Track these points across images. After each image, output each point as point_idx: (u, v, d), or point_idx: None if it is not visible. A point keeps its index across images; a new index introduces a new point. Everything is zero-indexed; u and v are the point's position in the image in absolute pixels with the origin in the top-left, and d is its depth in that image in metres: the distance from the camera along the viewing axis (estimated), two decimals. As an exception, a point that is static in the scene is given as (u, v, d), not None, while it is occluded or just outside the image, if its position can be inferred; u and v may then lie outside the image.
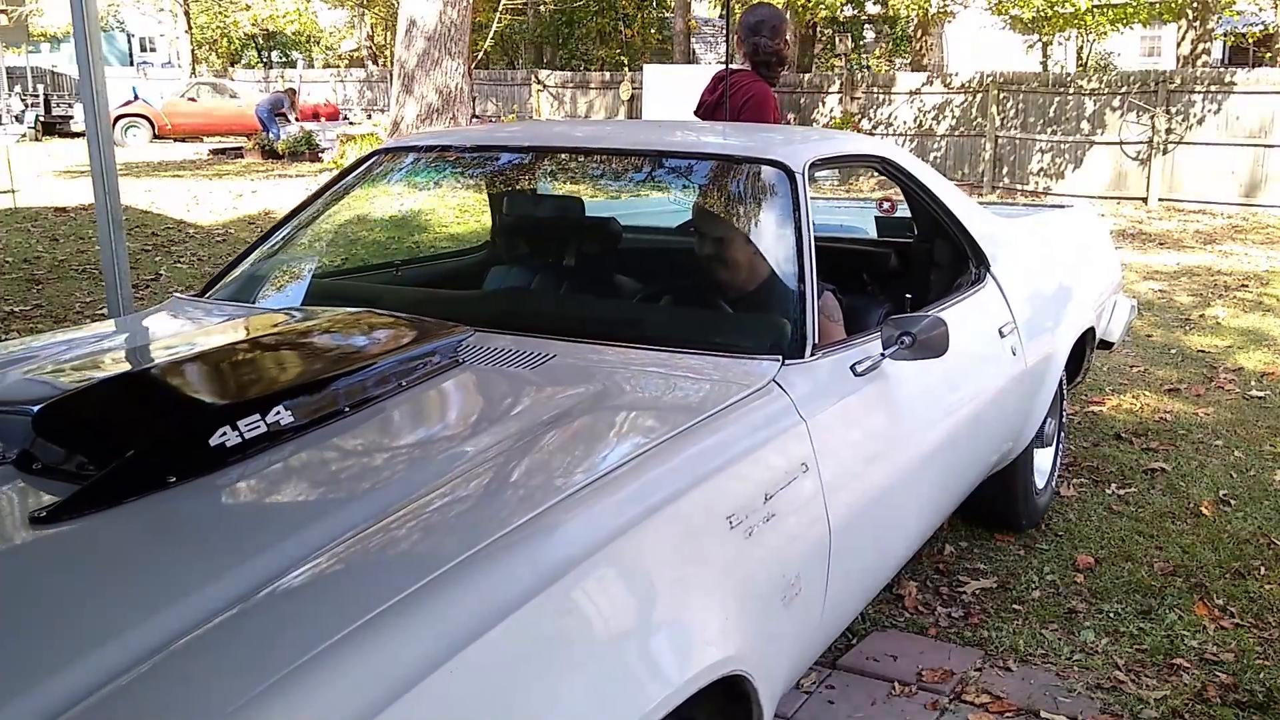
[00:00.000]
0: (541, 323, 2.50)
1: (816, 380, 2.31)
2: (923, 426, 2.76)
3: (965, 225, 3.32)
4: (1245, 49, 26.76)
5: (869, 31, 29.85)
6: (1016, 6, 20.60)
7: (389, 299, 2.81)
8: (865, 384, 2.45)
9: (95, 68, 4.18)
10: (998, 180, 15.90)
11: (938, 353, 2.38)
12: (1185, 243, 11.25)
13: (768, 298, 2.64)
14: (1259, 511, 4.09)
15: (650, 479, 1.79)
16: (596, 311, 2.77)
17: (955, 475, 3.02)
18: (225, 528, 1.62)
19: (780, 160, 2.66)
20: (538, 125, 3.25)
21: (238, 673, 1.24)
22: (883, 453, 2.53)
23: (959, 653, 3.07)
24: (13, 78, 27.75)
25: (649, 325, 2.63)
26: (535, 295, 3.03)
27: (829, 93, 17.97)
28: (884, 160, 3.12)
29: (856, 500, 2.33)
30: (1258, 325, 7.28)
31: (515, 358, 2.27)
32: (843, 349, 2.46)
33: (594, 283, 3.15)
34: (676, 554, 1.75)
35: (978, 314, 3.19)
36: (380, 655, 1.28)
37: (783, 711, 2.73)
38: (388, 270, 3.80)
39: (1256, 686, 2.92)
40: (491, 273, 3.34)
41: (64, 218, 11.18)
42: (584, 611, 1.55)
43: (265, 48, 35.66)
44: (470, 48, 13.03)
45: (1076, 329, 3.90)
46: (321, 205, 3.09)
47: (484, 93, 22.13)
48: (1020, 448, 3.54)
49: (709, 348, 2.35)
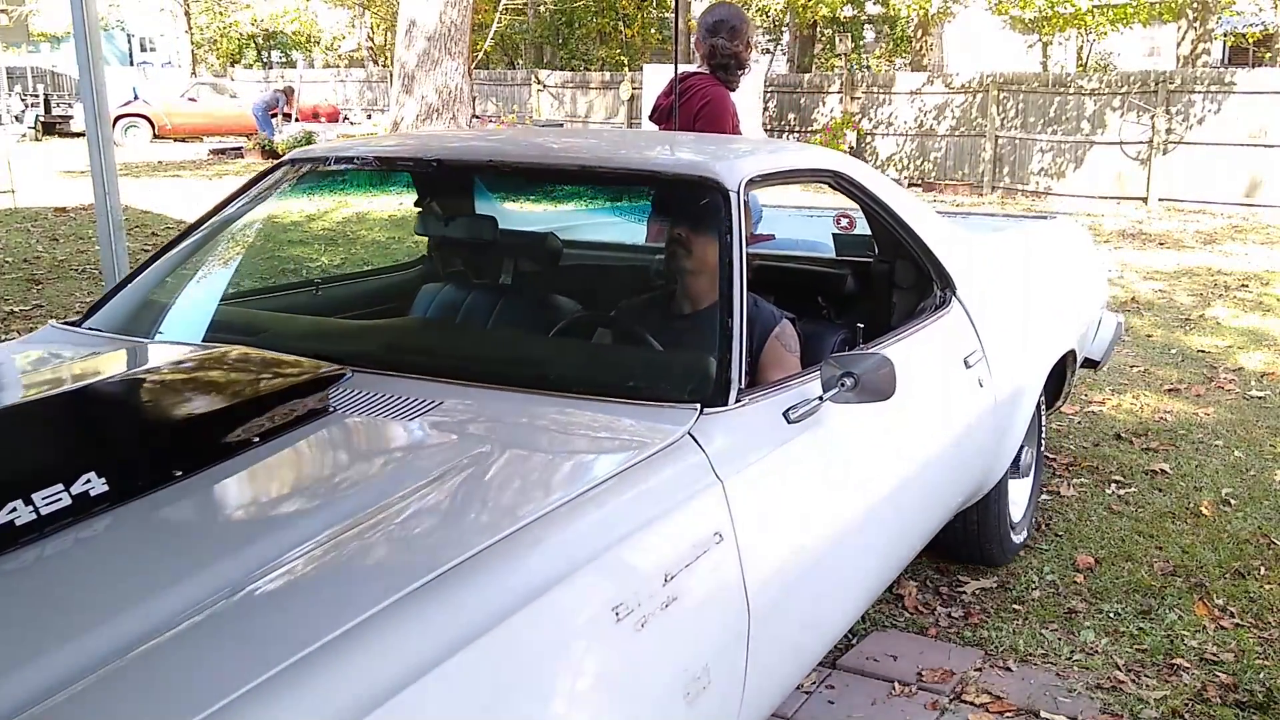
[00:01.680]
0: (435, 364, 2.23)
1: (741, 431, 2.05)
2: (871, 476, 2.50)
3: (928, 244, 3.05)
4: (1245, 49, 26.75)
5: (869, 31, 29.84)
6: (1016, 6, 20.60)
7: (275, 329, 2.57)
8: (801, 432, 2.18)
9: (95, 68, 4.18)
10: (998, 180, 15.90)
11: (883, 395, 2.14)
12: (1185, 243, 11.25)
13: (689, 334, 2.43)
14: (1259, 511, 4.09)
15: (513, 568, 1.52)
16: (496, 351, 2.51)
17: (912, 524, 2.79)
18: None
19: (711, 177, 2.37)
20: (462, 136, 2.97)
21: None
22: (821, 511, 2.26)
23: (959, 653, 3.07)
24: (13, 78, 27.75)
25: (554, 367, 2.35)
26: (433, 331, 2.73)
27: (829, 93, 17.96)
28: (836, 174, 2.84)
29: (785, 570, 2.07)
30: (1258, 325, 7.27)
31: (395, 406, 2.00)
32: (775, 392, 2.20)
33: (526, 307, 2.94)
34: (539, 663, 1.48)
35: (940, 343, 2.93)
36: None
37: (783, 711, 2.73)
38: (306, 290, 3.42)
39: (1256, 686, 2.92)
40: (422, 292, 3.11)
41: (64, 218, 11.18)
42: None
43: (265, 48, 35.66)
44: (470, 48, 13.03)
45: (1054, 354, 3.66)
46: (221, 222, 2.79)
47: (484, 93, 22.12)
48: (991, 483, 3.30)
49: (620, 394, 2.08)
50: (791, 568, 2.10)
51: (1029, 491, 3.77)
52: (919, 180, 16.74)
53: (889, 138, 17.23)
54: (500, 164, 2.66)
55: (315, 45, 32.56)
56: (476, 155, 2.78)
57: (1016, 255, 3.93)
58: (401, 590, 1.41)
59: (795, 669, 2.28)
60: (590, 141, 2.97)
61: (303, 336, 2.50)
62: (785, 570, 2.07)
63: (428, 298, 3.07)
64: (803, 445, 2.20)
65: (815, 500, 2.25)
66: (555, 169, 2.65)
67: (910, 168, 16.98)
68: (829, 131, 16.95)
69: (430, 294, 3.08)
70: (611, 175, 2.58)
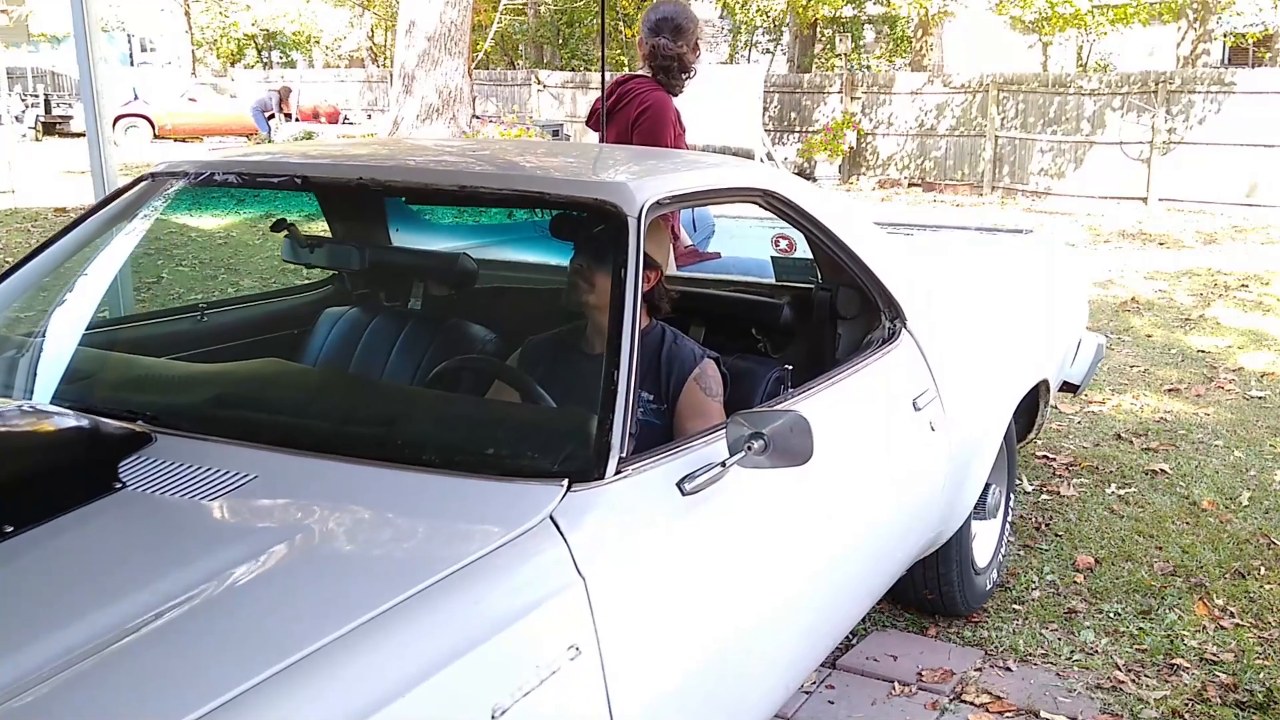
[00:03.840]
0: (258, 427, 1.91)
1: (618, 510, 1.72)
2: (793, 550, 2.15)
3: (873, 270, 2.72)
4: (1245, 49, 26.75)
5: (869, 31, 29.85)
6: (1017, 6, 20.60)
7: (84, 375, 2.26)
8: (698, 505, 1.85)
9: (95, 68, 4.18)
10: (998, 180, 15.90)
11: (799, 459, 1.84)
12: (1185, 243, 11.25)
13: (563, 390, 2.13)
14: (1259, 511, 4.09)
15: (290, 709, 1.25)
16: (332, 411, 2.12)
17: (848, 597, 2.47)
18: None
19: (607, 200, 2.03)
20: (342, 150, 2.65)
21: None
22: (724, 604, 1.91)
23: (959, 653, 3.07)
24: (13, 78, 27.74)
25: (400, 431, 1.98)
26: (264, 383, 2.30)
27: (829, 93, 17.96)
28: (766, 193, 2.50)
29: (669, 689, 1.72)
30: (1258, 325, 7.28)
31: (200, 481, 1.69)
32: (666, 458, 1.85)
33: (433, 336, 2.67)
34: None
35: (885, 383, 2.63)
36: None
37: (783, 712, 2.73)
38: (188, 316, 3.03)
39: (1256, 686, 2.92)
40: (323, 318, 2.85)
41: (64, 218, 11.18)
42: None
43: (265, 48, 35.67)
44: (470, 48, 13.03)
45: (1022, 386, 3.37)
46: (74, 242, 2.46)
47: (484, 93, 22.12)
48: (951, 530, 3.02)
49: (473, 467, 1.74)
50: (678, 684, 1.74)
51: (998, 533, 3.48)
52: (919, 180, 16.75)
53: (889, 138, 17.23)
54: (370, 183, 2.28)
55: (315, 45, 32.55)
56: (346, 173, 2.36)
57: (983, 277, 3.62)
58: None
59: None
60: (482, 157, 2.56)
61: (116, 386, 2.17)
62: (669, 688, 1.72)
63: (328, 324, 2.82)
64: (700, 522, 1.87)
65: (716, 591, 1.90)
66: (432, 189, 2.27)
67: (910, 168, 16.98)
68: (829, 131, 16.96)
69: (331, 320, 2.82)
70: (495, 197, 2.19)
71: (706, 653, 1.84)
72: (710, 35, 35.11)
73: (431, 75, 12.38)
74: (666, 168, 2.45)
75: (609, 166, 2.49)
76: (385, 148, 2.69)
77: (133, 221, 2.51)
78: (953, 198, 15.57)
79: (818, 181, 16.94)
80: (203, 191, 2.63)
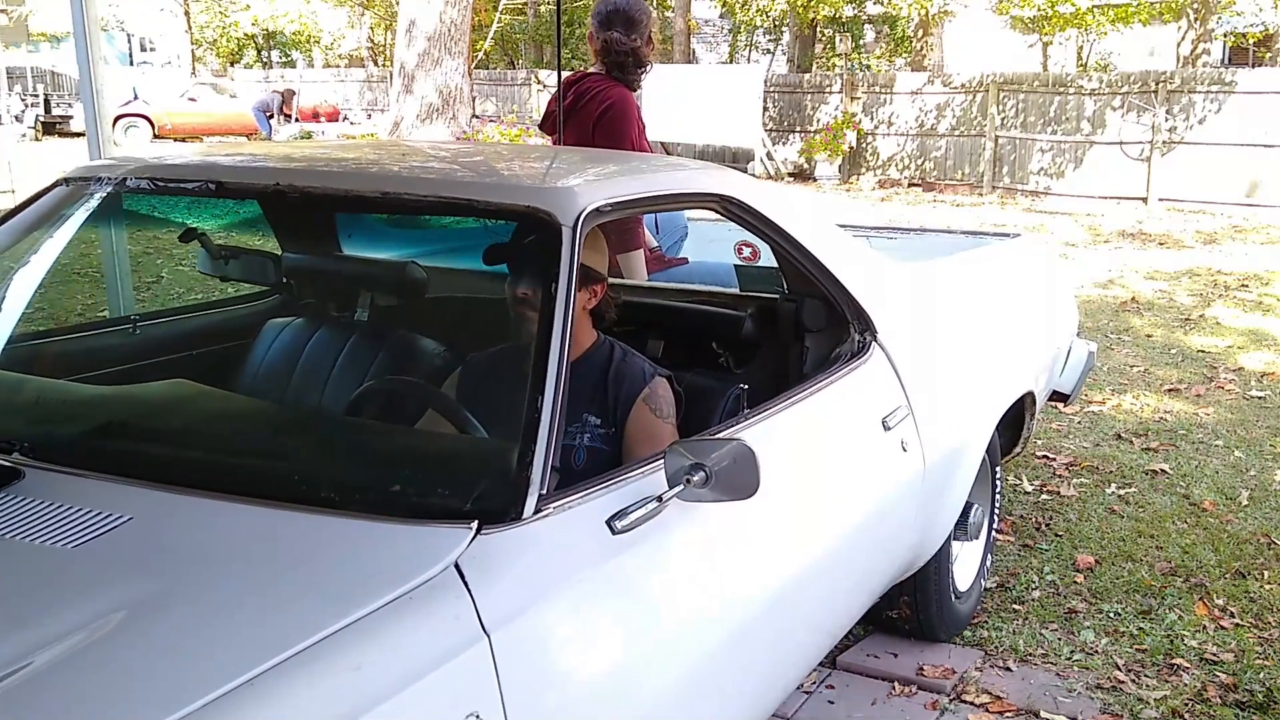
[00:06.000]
0: (137, 461, 1.73)
1: (535, 556, 1.54)
2: (741, 588, 1.95)
3: (841, 280, 2.54)
4: (1245, 49, 26.74)
5: (869, 31, 29.85)
6: (1017, 6, 20.60)
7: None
8: (632, 545, 1.67)
9: (95, 68, 4.19)
10: (998, 180, 15.90)
11: (743, 493, 1.69)
12: (1185, 243, 11.26)
13: (492, 417, 1.94)
14: (1259, 511, 4.09)
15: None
16: (224, 443, 1.91)
17: (806, 636, 2.28)
18: None
19: (541, 208, 1.86)
20: (264, 153, 2.48)
21: None
22: (656, 652, 1.70)
23: (959, 653, 3.07)
24: (13, 78, 27.74)
25: (298, 466, 1.79)
26: (151, 407, 2.08)
27: (829, 92, 17.96)
28: (723, 199, 2.31)
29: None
30: (1258, 325, 7.28)
31: (65, 525, 1.51)
32: (595, 493, 1.67)
33: (378, 350, 2.51)
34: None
35: (850, 402, 2.45)
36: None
37: (783, 712, 2.73)
38: (122, 329, 2.82)
39: (1256, 686, 2.92)
40: (265, 329, 2.69)
41: (64, 218, 11.15)
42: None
43: (265, 48, 35.67)
44: (470, 48, 13.03)
45: (1005, 400, 3.21)
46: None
47: (484, 93, 22.13)
48: (927, 555, 2.85)
49: (378, 506, 1.57)
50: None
51: (980, 553, 3.31)
52: (919, 180, 16.75)
53: (889, 138, 17.24)
54: (288, 189, 2.09)
55: (315, 45, 32.55)
56: (262, 179, 2.18)
57: (964, 284, 3.42)
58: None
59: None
60: (409, 162, 2.36)
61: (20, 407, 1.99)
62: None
63: (270, 337, 2.66)
64: (633, 564, 1.68)
65: (649, 642, 1.69)
66: (354, 196, 2.10)
67: (910, 168, 16.98)
68: (829, 131, 16.97)
69: (274, 332, 2.66)
70: (420, 204, 2.03)
71: (637, 713, 1.63)
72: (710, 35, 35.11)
73: (431, 75, 12.38)
74: (612, 171, 2.28)
75: (549, 171, 2.27)
76: (303, 155, 2.42)
77: (59, 228, 2.32)
78: (953, 198, 15.58)
79: (818, 181, 16.95)
80: (147, 195, 2.41)
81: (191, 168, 2.26)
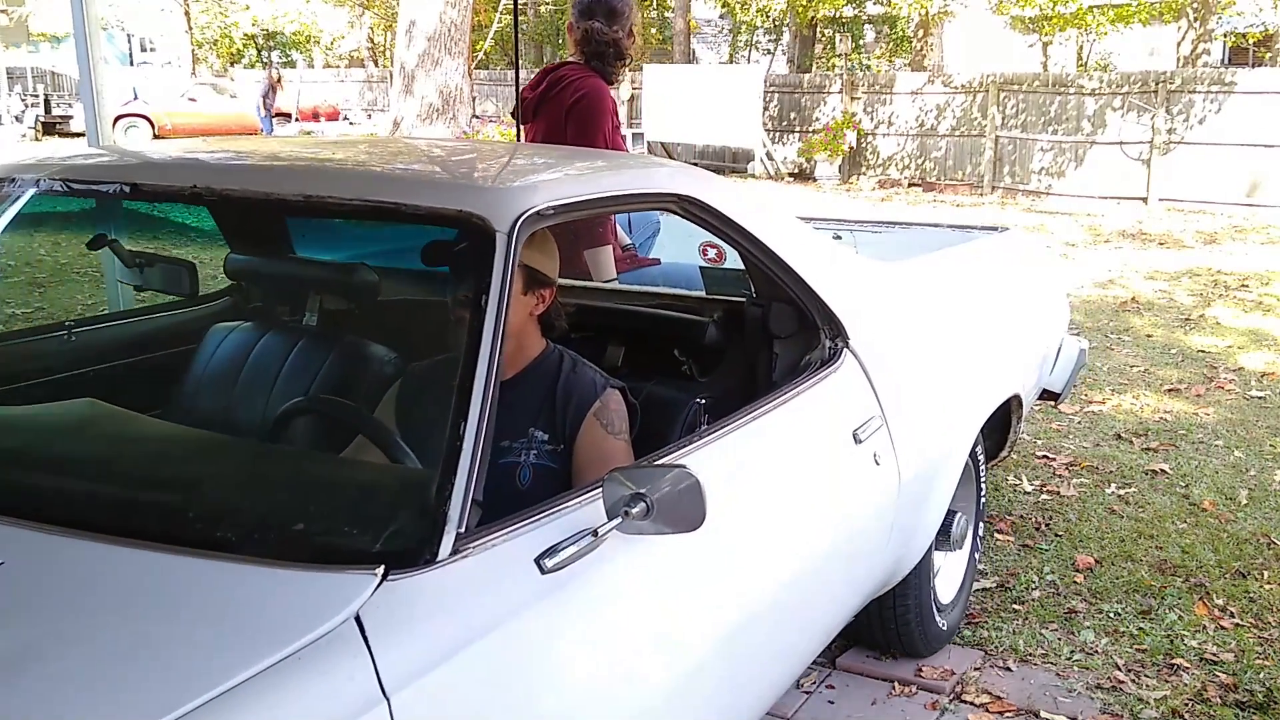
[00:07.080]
0: (18, 502, 1.55)
1: (450, 604, 1.39)
2: (694, 619, 1.79)
3: (810, 283, 2.39)
4: (1245, 49, 26.74)
5: (869, 31, 29.86)
6: (1017, 6, 20.60)
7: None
8: (564, 584, 1.52)
9: (95, 68, 4.19)
10: (998, 180, 15.90)
11: (688, 525, 1.57)
12: (1185, 243, 11.26)
13: (410, 442, 1.76)
14: (1259, 511, 4.09)
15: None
16: (105, 474, 1.75)
17: (768, 662, 2.11)
18: None
19: (474, 213, 1.70)
20: (183, 153, 2.29)
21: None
22: (591, 702, 1.55)
23: (959, 653, 3.07)
24: (13, 78, 27.76)
25: (191, 505, 1.63)
26: (59, 439, 1.93)
27: (829, 93, 17.96)
28: (681, 199, 2.16)
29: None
30: (1258, 325, 7.28)
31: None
32: (523, 528, 1.52)
33: (324, 356, 2.35)
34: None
35: (817, 415, 2.32)
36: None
37: (783, 712, 2.73)
38: (56, 335, 2.65)
39: (1256, 686, 2.92)
40: (210, 334, 2.52)
41: (64, 218, 11.16)
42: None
43: (265, 48, 35.67)
44: (470, 48, 13.03)
45: (988, 404, 3.07)
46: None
47: (484, 93, 22.14)
48: (906, 568, 2.74)
49: (278, 548, 1.44)
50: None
51: (965, 563, 3.18)
52: (919, 180, 16.75)
53: (889, 138, 17.24)
54: (205, 192, 1.94)
55: (315, 45, 32.56)
56: (178, 180, 2.01)
57: (944, 283, 3.26)
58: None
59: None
60: (335, 162, 2.16)
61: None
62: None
63: (214, 342, 2.51)
64: (565, 606, 1.52)
65: (583, 692, 1.54)
66: (275, 200, 1.94)
67: (911, 168, 16.98)
68: (829, 131, 16.97)
69: (218, 338, 2.51)
70: (344, 208, 1.85)
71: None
72: (710, 35, 35.11)
73: (432, 75, 12.38)
74: (559, 171, 2.13)
75: (490, 171, 2.07)
76: (224, 154, 2.26)
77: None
78: (953, 198, 15.58)
79: (818, 181, 16.95)
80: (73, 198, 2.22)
81: (106, 169, 2.12)
